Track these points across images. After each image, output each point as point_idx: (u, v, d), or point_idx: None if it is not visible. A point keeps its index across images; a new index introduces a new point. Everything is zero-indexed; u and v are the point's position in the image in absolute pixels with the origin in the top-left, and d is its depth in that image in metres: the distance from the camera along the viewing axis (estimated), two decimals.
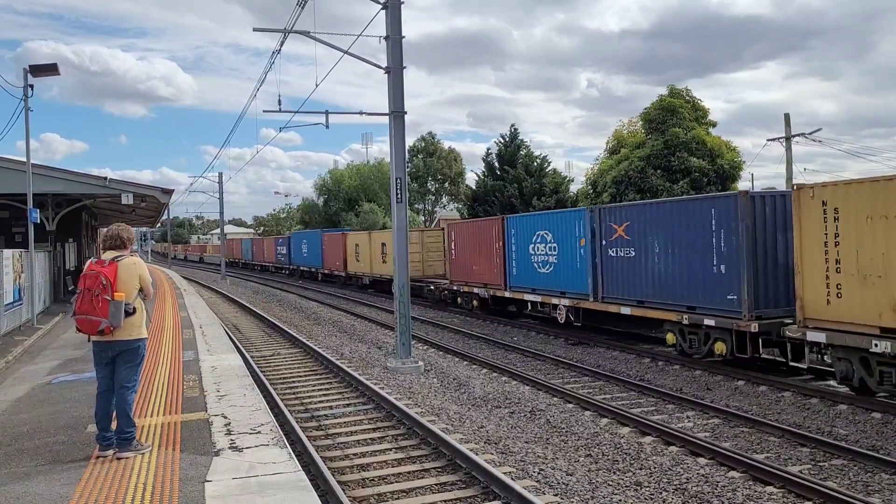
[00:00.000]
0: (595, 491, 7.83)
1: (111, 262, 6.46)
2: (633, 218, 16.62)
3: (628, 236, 16.65)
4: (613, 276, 17.21)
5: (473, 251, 24.33)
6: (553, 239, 19.70)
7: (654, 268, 15.82)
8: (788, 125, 31.46)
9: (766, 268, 13.49)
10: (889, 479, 8.26)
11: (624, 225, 16.81)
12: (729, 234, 13.79)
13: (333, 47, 16.03)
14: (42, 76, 19.76)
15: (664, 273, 15.55)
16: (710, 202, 14.63)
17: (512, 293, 21.98)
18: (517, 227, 21.77)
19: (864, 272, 10.87)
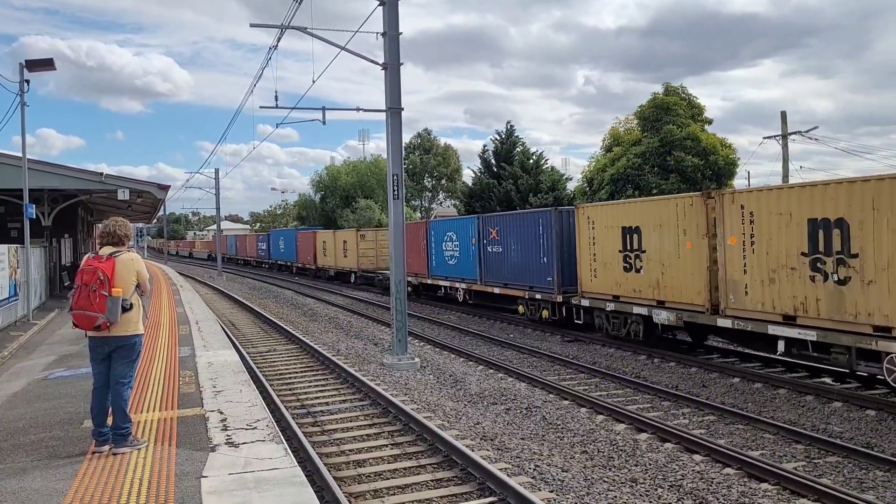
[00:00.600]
0: (590, 487, 7.85)
1: (108, 257, 6.44)
2: (500, 224, 22.44)
3: (498, 237, 22.41)
4: (490, 266, 23.01)
5: (408, 248, 26.73)
6: (456, 238, 25.53)
7: (511, 260, 21.73)
8: (785, 123, 31.51)
9: (568, 259, 19.20)
10: (883, 475, 8.30)
11: (496, 229, 22.49)
12: (548, 237, 19.67)
13: (330, 43, 16.02)
14: (38, 71, 19.68)
15: (517, 263, 21.38)
16: (539, 215, 20.53)
17: (432, 280, 27.97)
18: (436, 229, 27.59)
19: (604, 262, 17.57)
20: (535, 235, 20.26)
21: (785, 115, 31.55)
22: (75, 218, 32.09)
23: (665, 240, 15.57)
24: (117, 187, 23.83)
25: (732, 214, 13.54)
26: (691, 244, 14.81)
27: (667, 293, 15.45)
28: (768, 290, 12.78)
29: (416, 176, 70.49)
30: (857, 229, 11.14)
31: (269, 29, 16.67)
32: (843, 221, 11.40)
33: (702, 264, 14.48)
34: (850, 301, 11.27)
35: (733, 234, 13.54)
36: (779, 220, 12.58)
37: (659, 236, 15.75)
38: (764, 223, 12.89)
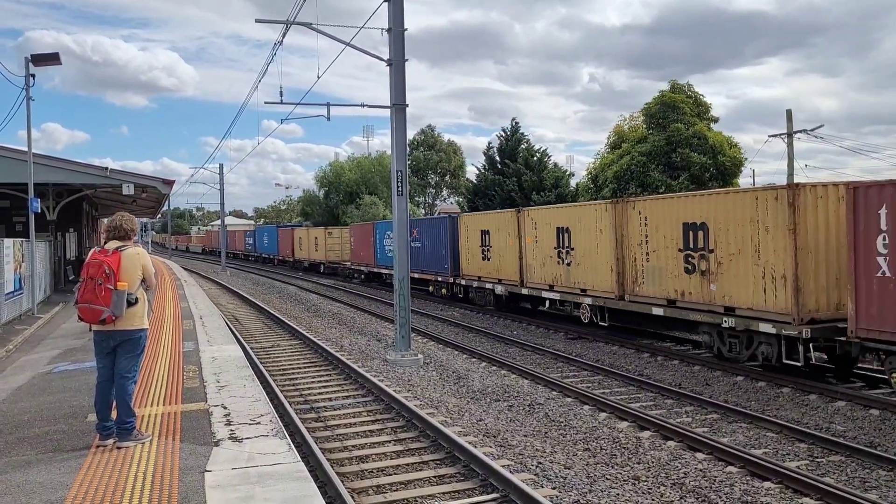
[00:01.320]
0: (593, 485, 7.86)
1: (114, 251, 6.46)
2: (420, 226, 29.56)
3: (418, 236, 28.87)
4: (415, 258, 26.19)
5: (362, 243, 37.04)
6: (389, 237, 30.96)
7: (426, 253, 28.59)
8: (790, 121, 31.42)
9: (460, 252, 25.74)
10: (886, 475, 8.29)
11: (416, 230, 28.97)
12: (445, 237, 26.40)
13: (335, 39, 16.02)
14: (43, 65, 19.73)
15: (429, 255, 28.38)
16: (441, 220, 28.37)
17: (377, 269, 34.76)
18: (379, 229, 34.32)
19: (473, 254, 24.54)
20: (439, 235, 27.40)
21: (790, 114, 31.48)
22: (80, 212, 32.16)
23: (502, 238, 22.76)
24: (122, 182, 23.87)
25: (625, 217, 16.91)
26: (512, 242, 22.11)
27: (502, 275, 22.87)
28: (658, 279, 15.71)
29: (420, 172, 70.45)
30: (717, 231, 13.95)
31: (275, 25, 16.71)
32: (705, 225, 14.23)
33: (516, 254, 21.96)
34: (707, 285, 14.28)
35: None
36: (652, 224, 15.73)
37: (499, 236, 23.01)
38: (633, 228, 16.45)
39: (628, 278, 16.67)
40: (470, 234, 25.00)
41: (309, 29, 15.85)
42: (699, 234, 14.40)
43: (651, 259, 15.86)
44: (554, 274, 19.54)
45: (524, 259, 21.29)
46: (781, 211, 12.44)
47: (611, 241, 17.13)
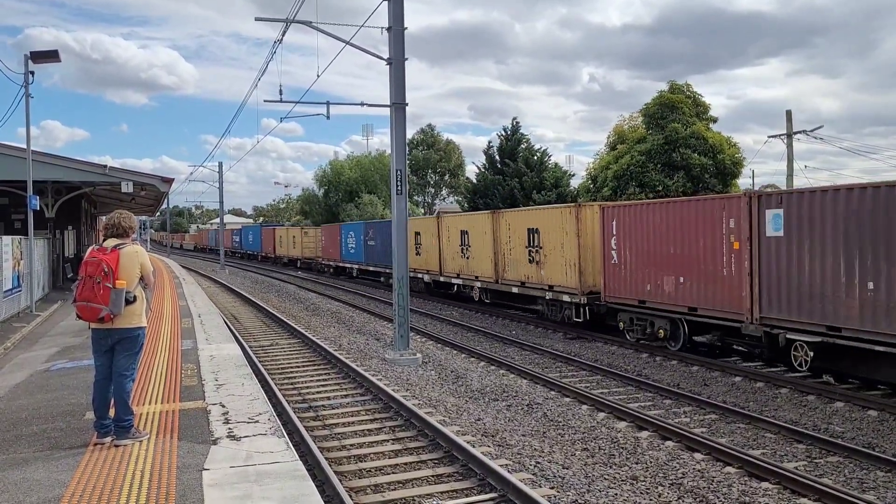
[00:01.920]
0: (591, 484, 7.86)
1: (113, 249, 6.44)
2: (374, 228, 34.88)
3: (373, 236, 34.44)
4: (369, 255, 34.90)
5: (331, 242, 43.47)
6: (354, 236, 38.13)
7: (378, 250, 33.41)
8: (790, 122, 31.43)
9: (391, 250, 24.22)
10: (884, 476, 8.29)
11: (372, 230, 34.89)
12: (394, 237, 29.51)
13: (335, 38, 16.00)
14: (43, 63, 19.71)
15: (381, 252, 32.55)
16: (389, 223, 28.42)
17: (342, 264, 40.72)
18: (344, 230, 40.81)
19: (410, 250, 21.91)
20: (388, 235, 29.93)
21: (790, 114, 31.50)
22: (79, 210, 32.13)
23: (428, 239, 28.31)
24: (121, 180, 23.85)
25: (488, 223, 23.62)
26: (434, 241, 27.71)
27: (429, 267, 28.58)
28: (514, 267, 21.77)
29: (420, 171, 70.43)
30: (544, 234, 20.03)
31: (275, 23, 16.71)
32: (538, 230, 20.32)
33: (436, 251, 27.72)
34: (539, 271, 20.36)
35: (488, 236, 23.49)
36: (512, 228, 21.92)
37: (426, 237, 28.51)
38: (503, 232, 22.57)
39: (500, 268, 22.72)
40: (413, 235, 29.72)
41: (309, 27, 15.85)
42: (535, 236, 20.46)
43: (511, 254, 22.00)
44: (459, 265, 25.63)
45: (442, 254, 27.41)
46: (572, 221, 18.54)
47: (490, 241, 23.12)
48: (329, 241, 43.79)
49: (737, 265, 13.70)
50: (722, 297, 14.08)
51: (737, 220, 13.68)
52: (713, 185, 34.55)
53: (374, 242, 34.31)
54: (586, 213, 18.44)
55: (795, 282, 12.49)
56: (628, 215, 16.88)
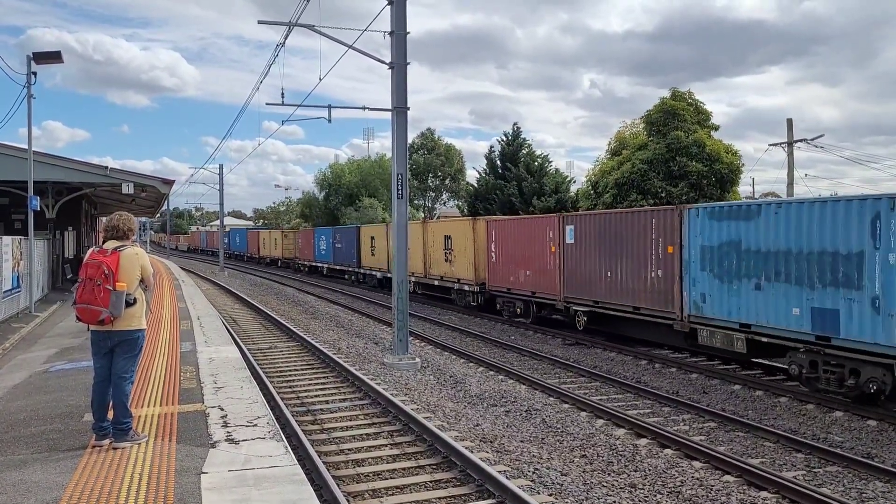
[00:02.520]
0: (589, 492, 7.84)
1: (113, 251, 6.44)
2: (339, 232, 41.55)
3: (340, 238, 40.90)
4: (336, 255, 41.42)
5: (306, 244, 49.61)
6: (326, 239, 44.27)
7: (344, 251, 39.76)
8: (791, 131, 31.47)
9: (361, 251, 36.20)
10: (883, 486, 8.28)
11: (338, 235, 41.22)
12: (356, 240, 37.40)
13: (338, 42, 16.02)
14: (45, 63, 19.75)
15: (345, 253, 39.26)
16: (352, 229, 39.09)
17: (314, 263, 46.87)
18: (317, 233, 47.09)
19: (369, 252, 35.30)
20: (351, 240, 38.74)
21: (791, 123, 31.55)
22: (79, 211, 32.13)
23: (381, 242, 32.99)
24: (122, 181, 23.86)
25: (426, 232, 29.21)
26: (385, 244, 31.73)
27: (381, 265, 33.38)
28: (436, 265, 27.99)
29: (420, 176, 70.42)
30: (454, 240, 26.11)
31: (277, 26, 16.68)
32: (450, 237, 26.48)
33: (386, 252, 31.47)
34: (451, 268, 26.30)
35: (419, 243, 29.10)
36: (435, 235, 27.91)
37: (379, 241, 33.62)
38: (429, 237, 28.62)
39: (427, 266, 28.67)
40: (364, 239, 36.41)
41: (311, 31, 15.87)
42: (449, 241, 26.57)
43: (434, 255, 27.90)
44: (417, 266, 29.45)
45: (389, 255, 29.58)
46: (470, 231, 24.74)
47: (421, 245, 28.77)
48: (304, 243, 50.04)
49: (553, 263, 19.88)
50: (547, 285, 20.27)
51: (553, 233, 19.89)
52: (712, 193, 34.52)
53: (341, 245, 40.70)
54: (480, 224, 24.75)
55: (578, 273, 18.72)
56: (501, 227, 23.45)
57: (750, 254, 13.25)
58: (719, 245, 13.99)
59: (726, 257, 13.81)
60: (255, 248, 65.46)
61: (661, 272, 15.58)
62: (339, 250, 40.81)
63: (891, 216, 10.67)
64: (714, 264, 14.09)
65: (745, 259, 13.34)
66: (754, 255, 13.15)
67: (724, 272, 13.86)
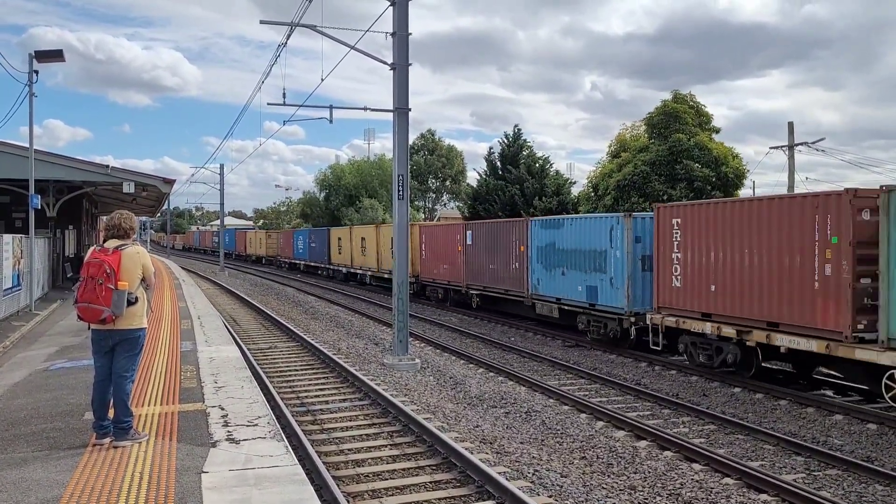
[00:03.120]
0: (589, 493, 7.84)
1: (114, 250, 6.43)
2: (313, 234, 48.02)
3: (314, 239, 47.11)
4: (311, 253, 47.10)
5: (286, 243, 55.69)
6: (303, 239, 50.17)
7: (317, 251, 45.80)
8: (792, 134, 31.47)
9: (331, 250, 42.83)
10: (883, 490, 8.28)
11: (312, 236, 47.81)
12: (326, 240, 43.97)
13: (340, 42, 16.04)
14: (47, 62, 19.74)
15: (318, 251, 45.46)
16: (323, 230, 46.43)
17: (293, 261, 52.85)
18: (296, 234, 53.42)
19: (339, 251, 41.55)
20: (323, 239, 44.64)
21: (792, 126, 31.53)
22: (80, 210, 32.13)
23: (346, 242, 39.42)
24: (122, 180, 23.86)
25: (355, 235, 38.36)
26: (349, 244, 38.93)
27: (346, 263, 39.71)
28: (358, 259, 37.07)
29: (421, 177, 70.46)
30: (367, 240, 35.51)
31: (279, 26, 16.70)
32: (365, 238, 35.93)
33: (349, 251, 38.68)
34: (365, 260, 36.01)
35: None
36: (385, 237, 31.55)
37: (345, 242, 39.42)
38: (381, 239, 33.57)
39: (380, 262, 33.87)
40: (333, 240, 42.63)
41: (313, 31, 15.88)
42: (364, 241, 35.51)
43: (384, 253, 32.45)
44: (361, 261, 37.16)
45: (353, 253, 38.59)
46: (376, 234, 33.56)
47: (374, 245, 34.43)
48: (285, 242, 56.51)
49: (460, 259, 25.85)
50: (456, 275, 26.30)
51: (460, 236, 25.92)
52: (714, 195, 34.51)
53: (315, 245, 46.77)
54: (415, 229, 29.40)
55: (474, 266, 24.85)
56: (428, 231, 30.00)
57: (560, 252, 19.59)
58: (545, 246, 20.36)
59: (549, 254, 20.16)
60: (243, 246, 72.36)
61: (518, 264, 21.94)
62: (314, 249, 46.88)
63: (617, 228, 17.02)
64: (543, 259, 20.47)
65: (558, 255, 19.67)
66: (562, 252, 19.50)
67: (548, 264, 20.23)
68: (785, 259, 12.23)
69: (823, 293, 11.45)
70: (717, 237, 13.76)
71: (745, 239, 13.07)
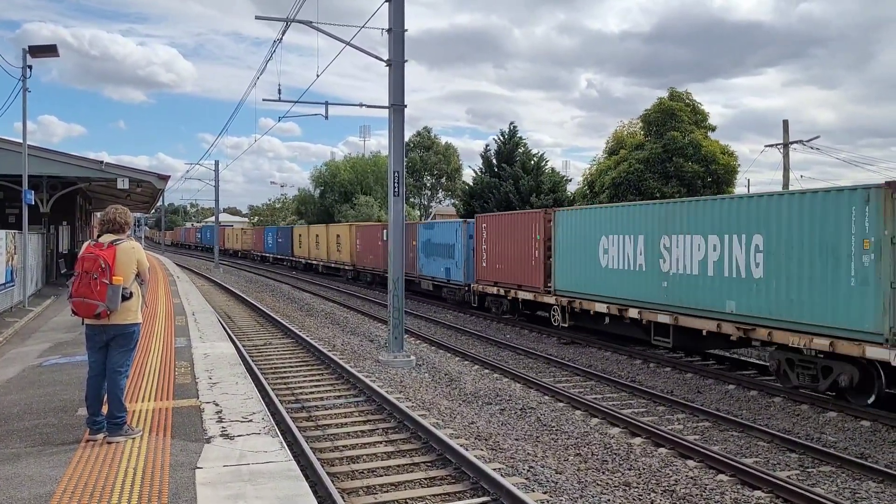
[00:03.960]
0: (584, 490, 7.85)
1: (109, 245, 6.40)
2: (281, 231, 55.78)
3: (280, 235, 54.95)
4: (278, 247, 55.00)
5: (258, 239, 62.68)
6: (271, 236, 57.97)
7: (284, 245, 53.14)
8: (787, 132, 31.52)
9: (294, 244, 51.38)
10: (876, 486, 8.30)
11: (280, 233, 55.24)
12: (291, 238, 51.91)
13: (335, 38, 16.00)
14: (41, 57, 19.62)
15: (284, 246, 53.00)
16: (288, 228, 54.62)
17: (263, 254, 59.64)
18: (266, 231, 60.65)
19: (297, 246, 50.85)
20: (287, 236, 51.82)
21: (787, 124, 31.56)
22: (74, 206, 32.03)
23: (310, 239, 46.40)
24: (117, 176, 23.79)
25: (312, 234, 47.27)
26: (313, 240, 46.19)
27: (304, 255, 47.57)
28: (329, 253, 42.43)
29: (417, 174, 70.43)
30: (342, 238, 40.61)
31: (275, 22, 16.65)
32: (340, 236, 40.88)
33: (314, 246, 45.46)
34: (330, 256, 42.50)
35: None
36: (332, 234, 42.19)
37: (304, 239, 47.79)
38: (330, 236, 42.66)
39: (329, 254, 41.43)
40: (295, 237, 50.25)
41: (309, 27, 15.84)
42: (339, 238, 39.84)
43: (331, 247, 41.03)
44: (316, 254, 44.53)
45: (309, 247, 46.04)
46: (347, 232, 38.55)
47: (325, 241, 42.16)
48: (257, 238, 63.95)
49: (381, 251, 30.84)
50: (379, 264, 32.11)
51: (380, 233, 32.15)
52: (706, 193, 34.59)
53: (282, 240, 53.58)
54: (353, 228, 38.41)
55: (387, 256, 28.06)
56: (361, 230, 37.15)
57: (433, 245, 27.97)
58: (425, 241, 28.82)
59: (427, 247, 28.58)
60: (222, 241, 79.24)
61: (412, 255, 29.39)
62: (280, 244, 54.20)
63: (460, 229, 25.49)
64: (424, 250, 28.87)
65: (432, 247, 28.11)
66: (434, 245, 27.86)
67: (426, 254, 28.63)
68: (524, 249, 20.92)
69: (536, 267, 20.28)
70: (501, 236, 22.43)
71: (510, 238, 21.79)
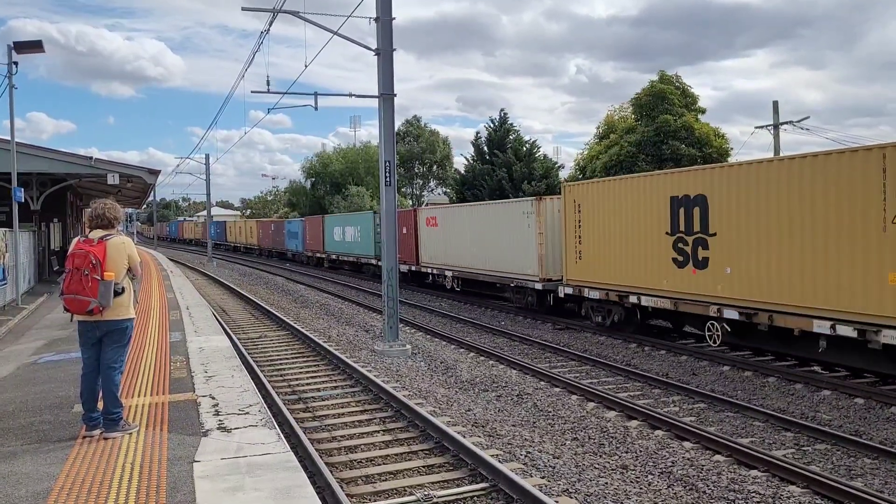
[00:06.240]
0: (581, 474, 7.88)
1: (100, 240, 6.35)
2: (224, 223, 78.62)
3: (219, 228, 74.70)
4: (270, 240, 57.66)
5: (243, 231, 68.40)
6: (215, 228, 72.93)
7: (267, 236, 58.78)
8: (776, 113, 31.55)
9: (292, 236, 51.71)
10: (871, 463, 8.37)
11: (225, 224, 76.50)
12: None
13: (323, 28, 15.90)
14: (27, 53, 19.44)
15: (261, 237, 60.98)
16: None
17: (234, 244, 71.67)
18: (211, 225, 63.29)
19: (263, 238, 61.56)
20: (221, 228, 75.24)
21: (777, 105, 31.60)
22: (64, 202, 31.84)
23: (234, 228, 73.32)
24: (107, 172, 23.66)
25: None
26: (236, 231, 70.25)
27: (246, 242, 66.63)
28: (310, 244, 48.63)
29: (407, 163, 70.25)
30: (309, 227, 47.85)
31: (261, 13, 16.53)
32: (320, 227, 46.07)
33: None
34: None
35: None
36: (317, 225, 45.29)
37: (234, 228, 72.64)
38: None
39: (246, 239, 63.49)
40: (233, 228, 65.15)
41: (296, 18, 15.73)
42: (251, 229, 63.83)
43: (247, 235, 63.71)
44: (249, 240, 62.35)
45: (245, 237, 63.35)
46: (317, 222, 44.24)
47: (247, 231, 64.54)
48: (235, 232, 71.14)
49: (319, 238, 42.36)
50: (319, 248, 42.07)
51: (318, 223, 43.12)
52: None
53: (275, 233, 56.48)
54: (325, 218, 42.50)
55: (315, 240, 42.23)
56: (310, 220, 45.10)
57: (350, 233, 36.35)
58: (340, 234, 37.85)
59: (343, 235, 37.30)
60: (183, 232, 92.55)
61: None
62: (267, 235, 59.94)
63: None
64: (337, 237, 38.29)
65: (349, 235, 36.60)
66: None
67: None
68: None
69: None
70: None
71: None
